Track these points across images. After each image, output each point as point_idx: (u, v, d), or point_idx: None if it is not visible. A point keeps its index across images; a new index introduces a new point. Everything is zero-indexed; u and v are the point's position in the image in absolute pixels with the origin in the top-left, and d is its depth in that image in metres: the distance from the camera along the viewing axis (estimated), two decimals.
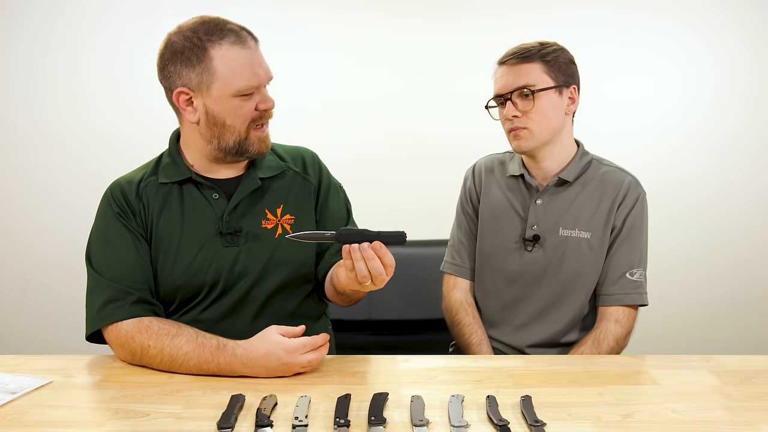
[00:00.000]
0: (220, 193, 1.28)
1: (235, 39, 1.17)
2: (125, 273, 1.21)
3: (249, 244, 1.28)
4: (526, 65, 1.39)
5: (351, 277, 1.08)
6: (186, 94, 1.20)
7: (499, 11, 2.38)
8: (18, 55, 2.38)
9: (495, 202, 1.53)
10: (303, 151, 1.41)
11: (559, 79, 1.40)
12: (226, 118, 1.20)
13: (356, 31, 2.39)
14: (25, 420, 0.97)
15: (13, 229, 2.47)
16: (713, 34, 2.38)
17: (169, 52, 1.19)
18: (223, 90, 1.17)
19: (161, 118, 2.33)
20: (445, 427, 0.95)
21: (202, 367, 1.12)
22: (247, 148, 1.23)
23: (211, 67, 1.16)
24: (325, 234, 1.08)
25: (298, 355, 1.11)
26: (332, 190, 1.39)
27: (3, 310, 2.52)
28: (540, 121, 1.39)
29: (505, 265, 1.50)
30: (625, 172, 1.46)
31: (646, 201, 1.45)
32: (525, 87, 1.38)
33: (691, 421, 0.97)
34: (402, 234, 1.06)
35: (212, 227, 1.27)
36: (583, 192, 1.45)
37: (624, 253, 1.42)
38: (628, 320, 1.42)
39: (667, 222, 2.44)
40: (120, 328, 1.17)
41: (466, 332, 1.52)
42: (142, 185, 1.28)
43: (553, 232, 1.44)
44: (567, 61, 1.42)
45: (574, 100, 1.44)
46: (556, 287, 1.45)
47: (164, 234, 1.26)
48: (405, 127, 2.42)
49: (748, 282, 2.50)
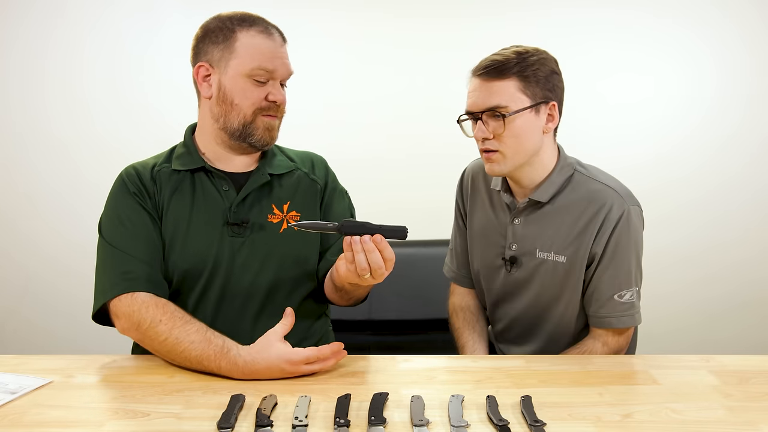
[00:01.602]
0: (230, 185, 1.31)
1: (263, 29, 1.25)
2: (141, 247, 1.24)
3: (254, 235, 1.30)
4: (498, 82, 1.26)
5: (350, 270, 1.09)
6: (206, 69, 1.26)
7: (499, 11, 2.38)
8: (18, 55, 2.38)
9: (481, 217, 1.47)
10: (312, 156, 1.45)
11: (536, 96, 1.27)
12: (235, 97, 1.24)
13: (357, 31, 2.39)
14: (25, 420, 0.97)
15: (13, 227, 2.47)
16: (713, 33, 2.38)
17: (202, 33, 1.27)
18: (238, 68, 1.23)
19: (160, 118, 2.35)
20: (445, 427, 0.95)
21: (202, 362, 1.12)
22: (251, 132, 1.27)
23: (233, 46, 1.23)
24: (328, 225, 1.08)
25: (301, 366, 1.11)
26: (337, 194, 1.42)
27: (5, 306, 2.52)
28: (513, 145, 1.28)
29: (490, 283, 1.47)
30: (609, 188, 1.32)
31: (634, 215, 1.31)
32: (496, 108, 1.26)
33: (691, 421, 0.97)
34: (403, 229, 1.07)
35: (220, 216, 1.29)
36: (560, 213, 1.34)
37: (610, 276, 1.32)
38: (617, 342, 1.34)
39: (665, 220, 2.44)
40: (135, 297, 1.18)
41: (456, 335, 1.54)
42: (156, 170, 1.32)
43: (530, 254, 1.37)
44: (547, 74, 1.28)
45: (554, 117, 1.31)
46: (536, 309, 1.40)
47: (173, 218, 1.28)
48: (405, 126, 2.42)
49: (747, 282, 2.50)
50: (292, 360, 1.10)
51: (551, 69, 1.30)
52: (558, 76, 1.31)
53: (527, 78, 1.26)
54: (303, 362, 1.11)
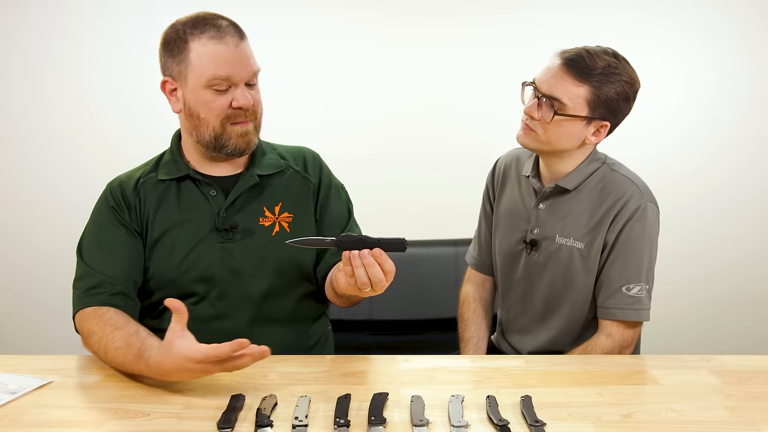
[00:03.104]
0: (218, 190, 1.28)
1: (214, 33, 1.18)
2: (111, 264, 1.23)
3: (244, 240, 1.28)
4: (572, 81, 1.28)
5: (351, 283, 1.07)
6: (171, 83, 1.23)
7: (498, 11, 2.37)
8: (18, 55, 2.38)
9: (508, 201, 1.50)
10: (304, 151, 1.41)
11: (596, 112, 1.30)
12: (200, 110, 1.21)
13: (356, 31, 2.38)
14: (25, 420, 0.97)
15: (14, 227, 2.47)
16: (713, 34, 2.38)
17: (161, 44, 1.24)
18: (195, 81, 1.19)
19: (160, 118, 2.33)
20: (445, 427, 0.95)
21: (126, 367, 1.09)
22: (224, 143, 1.23)
23: (188, 58, 1.19)
24: (325, 240, 1.07)
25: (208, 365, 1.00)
26: (333, 191, 1.39)
27: (4, 307, 2.51)
28: (550, 136, 1.32)
29: (511, 266, 1.48)
30: (631, 181, 1.37)
31: (651, 212, 1.35)
32: (557, 100, 1.29)
33: (691, 421, 0.97)
34: (402, 241, 1.05)
35: (208, 223, 1.27)
36: (582, 201, 1.38)
37: (620, 266, 1.34)
38: (622, 336, 1.34)
39: (665, 220, 2.42)
40: (84, 312, 1.19)
41: (462, 326, 1.55)
42: (141, 181, 1.30)
43: (550, 238, 1.40)
44: (619, 96, 1.29)
45: (600, 135, 1.34)
46: (550, 295, 1.42)
47: (160, 229, 1.27)
48: (404, 126, 2.41)
49: (747, 281, 2.50)
50: (194, 358, 0.99)
51: (626, 94, 1.31)
52: (628, 102, 1.33)
53: (599, 92, 1.28)
54: (205, 361, 0.99)
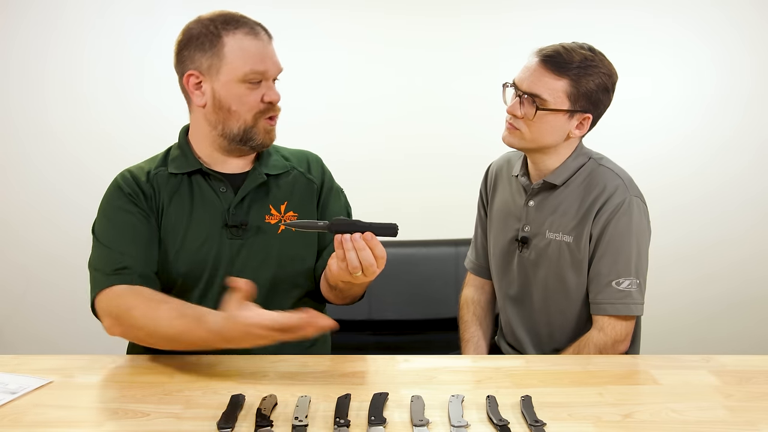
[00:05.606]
0: (228, 186, 1.31)
1: (248, 30, 1.23)
2: (128, 243, 1.24)
3: (252, 238, 1.30)
4: (551, 76, 1.30)
5: (342, 268, 1.08)
6: (196, 77, 1.24)
7: (498, 11, 2.37)
8: (18, 55, 2.38)
9: (500, 203, 1.52)
10: (308, 154, 1.45)
11: (577, 104, 1.32)
12: (232, 103, 1.24)
13: (357, 31, 2.38)
14: (25, 420, 0.97)
15: (14, 226, 2.47)
16: (712, 33, 2.38)
17: (185, 38, 1.25)
18: (230, 74, 1.22)
19: (161, 117, 2.34)
20: (445, 427, 0.95)
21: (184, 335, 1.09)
22: (252, 136, 1.27)
23: (222, 52, 1.21)
24: (318, 223, 1.09)
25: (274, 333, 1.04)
26: (333, 193, 1.42)
27: (5, 307, 2.51)
28: (534, 133, 1.34)
29: (505, 267, 1.49)
30: (616, 175, 1.37)
31: (636, 206, 1.35)
32: (537, 97, 1.31)
33: (691, 421, 0.97)
34: (394, 226, 1.07)
35: (219, 219, 1.29)
36: (569, 196, 1.39)
37: (608, 261, 1.34)
38: (614, 330, 1.34)
39: (664, 220, 2.43)
40: (112, 290, 1.18)
41: (462, 328, 1.58)
42: (152, 174, 1.31)
43: (540, 234, 1.41)
44: (598, 88, 1.31)
45: (583, 128, 1.36)
46: (544, 291, 1.42)
47: (172, 222, 1.28)
48: (404, 127, 2.41)
49: (746, 281, 2.49)
50: (263, 324, 1.03)
51: (605, 85, 1.33)
52: (608, 93, 1.35)
53: (578, 85, 1.30)
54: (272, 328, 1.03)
